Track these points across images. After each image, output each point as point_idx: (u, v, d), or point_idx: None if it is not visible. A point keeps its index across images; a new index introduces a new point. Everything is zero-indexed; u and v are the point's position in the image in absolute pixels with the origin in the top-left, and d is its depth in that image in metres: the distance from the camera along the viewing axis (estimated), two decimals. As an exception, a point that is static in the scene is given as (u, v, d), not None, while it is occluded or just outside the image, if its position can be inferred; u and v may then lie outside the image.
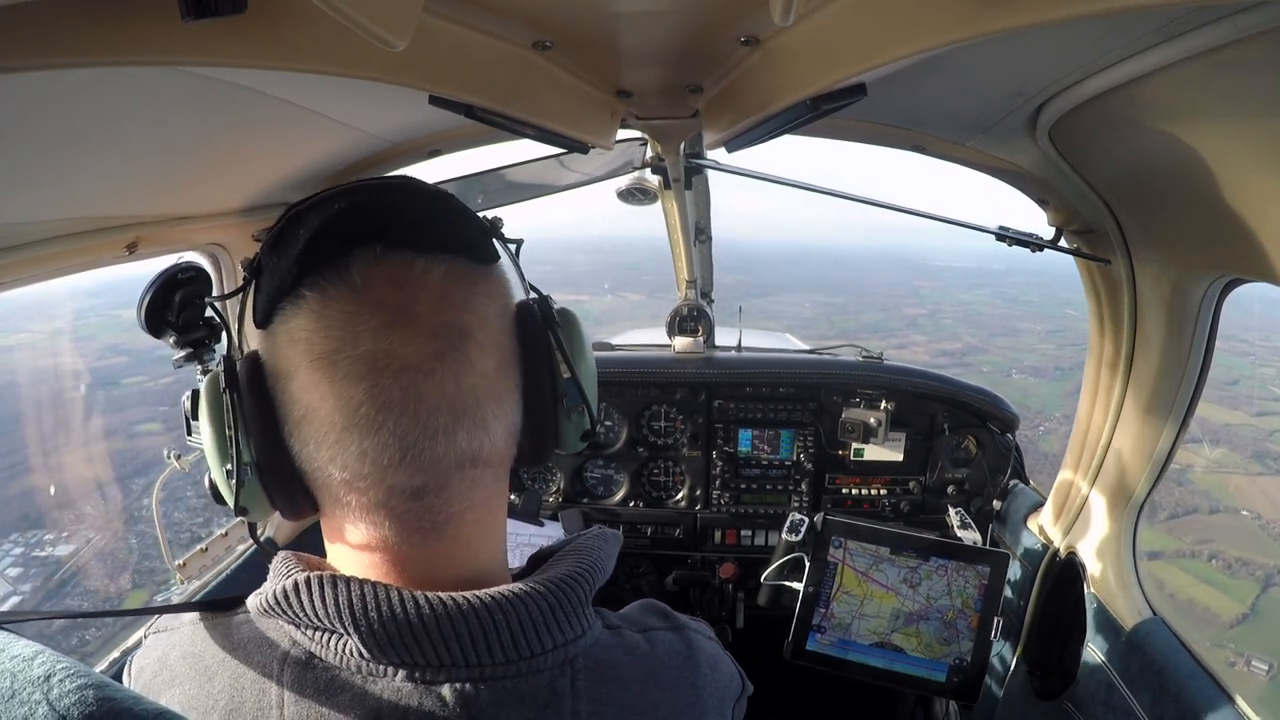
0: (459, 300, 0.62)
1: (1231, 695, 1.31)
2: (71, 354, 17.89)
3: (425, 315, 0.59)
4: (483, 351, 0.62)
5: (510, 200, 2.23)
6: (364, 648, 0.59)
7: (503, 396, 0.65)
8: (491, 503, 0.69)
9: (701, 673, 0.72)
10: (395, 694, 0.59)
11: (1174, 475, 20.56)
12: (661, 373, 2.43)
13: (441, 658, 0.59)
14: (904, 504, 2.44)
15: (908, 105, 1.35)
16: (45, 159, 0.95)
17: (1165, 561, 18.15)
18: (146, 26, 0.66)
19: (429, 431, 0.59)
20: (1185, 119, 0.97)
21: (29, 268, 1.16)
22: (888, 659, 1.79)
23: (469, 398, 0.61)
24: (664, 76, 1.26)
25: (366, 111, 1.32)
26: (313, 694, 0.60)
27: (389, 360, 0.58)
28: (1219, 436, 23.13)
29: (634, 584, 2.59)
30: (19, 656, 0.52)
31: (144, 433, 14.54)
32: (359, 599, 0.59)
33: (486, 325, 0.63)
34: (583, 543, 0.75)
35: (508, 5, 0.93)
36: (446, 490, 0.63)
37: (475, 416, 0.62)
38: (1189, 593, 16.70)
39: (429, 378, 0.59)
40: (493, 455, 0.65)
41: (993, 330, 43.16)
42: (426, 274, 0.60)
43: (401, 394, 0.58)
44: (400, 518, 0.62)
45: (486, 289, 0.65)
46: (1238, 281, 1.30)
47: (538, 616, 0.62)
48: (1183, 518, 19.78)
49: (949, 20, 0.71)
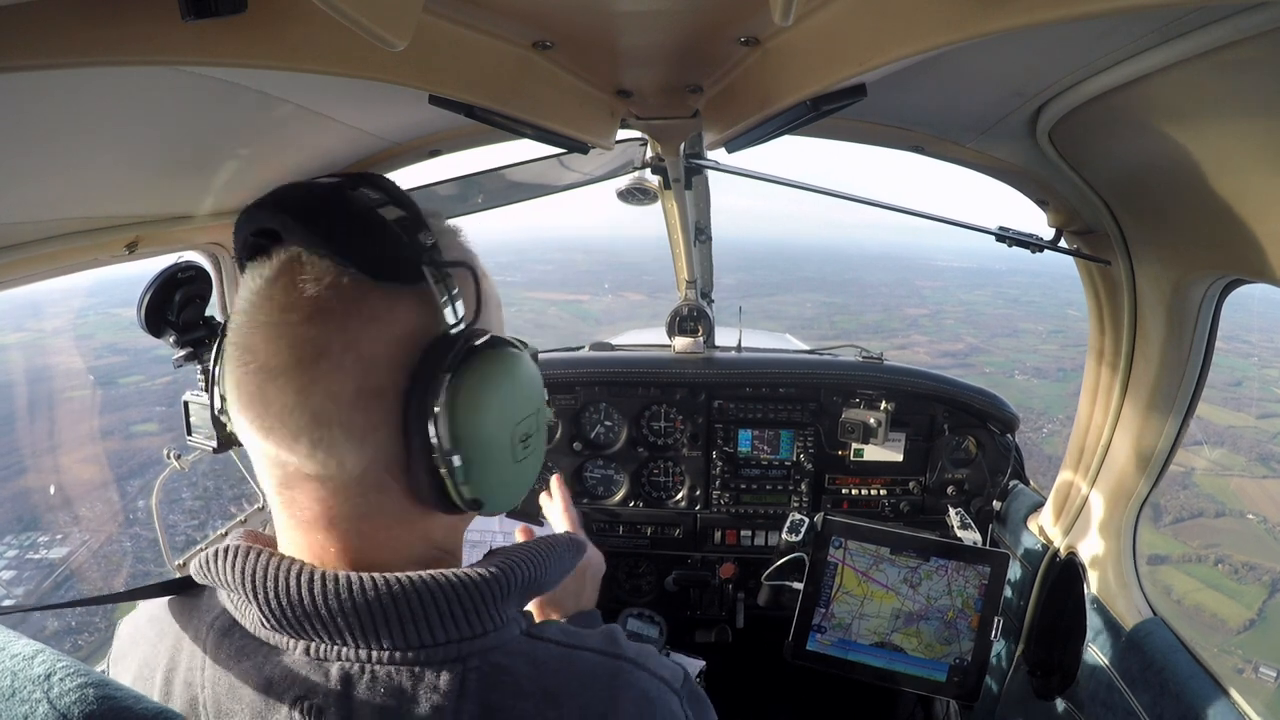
0: (332, 316, 0.59)
1: (1231, 695, 1.31)
2: (69, 353, 17.85)
3: (295, 323, 0.59)
4: (339, 374, 0.59)
5: (510, 200, 2.24)
6: (264, 617, 0.62)
7: (358, 426, 0.60)
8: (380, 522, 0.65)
9: (619, 708, 0.63)
10: (290, 665, 0.61)
11: (1178, 478, 20.17)
12: (661, 373, 2.43)
13: (333, 636, 0.61)
14: (904, 504, 2.44)
15: (907, 105, 1.35)
16: (45, 159, 0.95)
17: (1171, 566, 17.92)
18: (146, 26, 0.66)
19: (274, 434, 0.60)
20: (1185, 120, 0.97)
21: (29, 267, 1.16)
22: (888, 659, 1.79)
23: (305, 415, 0.59)
24: (664, 76, 1.26)
25: (366, 111, 1.32)
26: (226, 657, 0.64)
27: (251, 357, 0.60)
28: (1223, 438, 22.90)
29: (634, 584, 2.59)
30: (19, 655, 0.52)
31: (141, 433, 14.54)
32: (261, 569, 0.62)
33: (354, 348, 0.59)
34: (531, 545, 0.73)
35: (508, 5, 0.93)
36: (304, 491, 0.63)
37: (313, 437, 0.59)
38: (1195, 598, 16.54)
39: (273, 384, 0.59)
40: (345, 479, 0.62)
41: (995, 331, 43.14)
42: (315, 281, 0.59)
43: (254, 393, 0.60)
44: (285, 505, 0.65)
45: (375, 311, 0.60)
46: (1238, 282, 1.30)
47: (431, 607, 0.61)
48: (1188, 521, 19.61)
49: (949, 20, 0.71)
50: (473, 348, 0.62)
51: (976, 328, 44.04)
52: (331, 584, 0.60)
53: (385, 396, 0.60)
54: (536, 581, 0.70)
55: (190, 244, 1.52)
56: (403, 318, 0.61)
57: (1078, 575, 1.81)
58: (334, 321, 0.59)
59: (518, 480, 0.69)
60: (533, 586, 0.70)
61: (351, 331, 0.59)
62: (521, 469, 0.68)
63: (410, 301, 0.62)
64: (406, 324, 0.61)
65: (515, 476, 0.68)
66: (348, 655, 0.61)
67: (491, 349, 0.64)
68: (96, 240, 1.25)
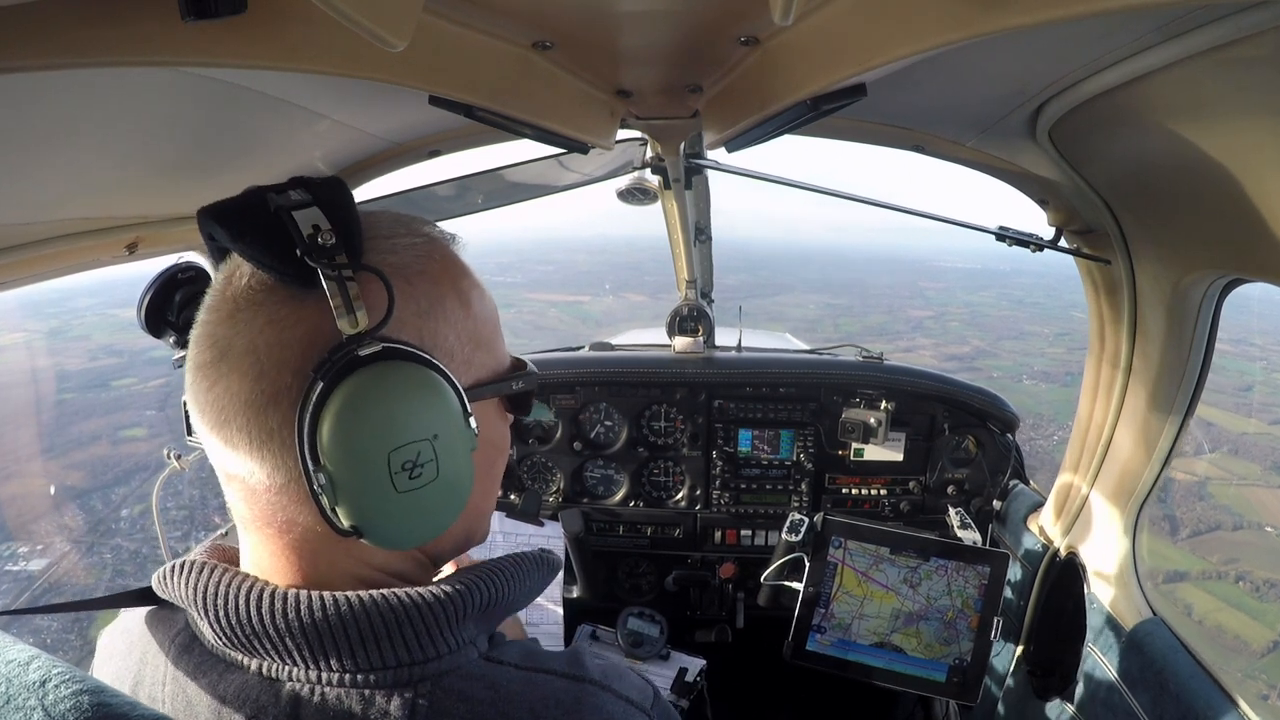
0: (239, 315, 0.60)
1: (1232, 695, 1.30)
2: (63, 354, 17.61)
3: (214, 322, 0.61)
4: (238, 375, 0.59)
5: (510, 200, 2.24)
6: (214, 635, 0.62)
7: (256, 429, 0.59)
8: (308, 535, 0.62)
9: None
10: (243, 685, 0.60)
11: (1193, 489, 19.32)
12: (661, 373, 2.42)
13: (283, 656, 0.60)
14: (904, 504, 2.44)
15: (908, 105, 1.35)
16: (45, 159, 0.95)
17: (1191, 584, 17.22)
18: (146, 26, 0.67)
19: (202, 431, 0.63)
20: (1186, 118, 0.97)
21: (29, 268, 1.16)
22: (888, 659, 1.79)
23: (213, 413, 0.61)
24: (664, 76, 1.26)
25: (366, 111, 1.32)
26: (184, 674, 0.63)
27: (194, 353, 0.62)
28: (1236, 446, 22.18)
29: (634, 584, 2.59)
30: (14, 661, 0.52)
31: (128, 439, 14.28)
32: (213, 586, 0.62)
33: (255, 351, 0.59)
34: (497, 562, 0.70)
35: (508, 5, 0.93)
36: (231, 494, 0.65)
37: (222, 435, 0.61)
38: (1217, 618, 15.83)
39: (199, 379, 0.61)
40: (258, 486, 0.61)
41: (1000, 333, 42.84)
42: (233, 283, 0.62)
43: (191, 387, 0.62)
44: (230, 503, 0.66)
45: (277, 314, 0.59)
46: (1238, 281, 1.30)
47: (381, 629, 0.59)
48: (1205, 535, 18.85)
49: (949, 20, 0.71)
50: (356, 357, 0.57)
51: (982, 330, 43.78)
52: (280, 603, 0.59)
53: (280, 403, 0.58)
54: (499, 602, 0.67)
55: (190, 244, 1.52)
56: (305, 321, 0.59)
57: (1078, 575, 1.81)
58: (241, 322, 0.60)
59: (407, 513, 0.61)
60: (496, 607, 0.67)
61: (252, 332, 0.59)
62: (410, 501, 0.60)
63: (313, 307, 0.59)
64: (307, 328, 0.59)
65: (401, 508, 0.60)
66: (298, 676, 0.59)
67: (382, 361, 0.58)
68: (96, 240, 1.25)
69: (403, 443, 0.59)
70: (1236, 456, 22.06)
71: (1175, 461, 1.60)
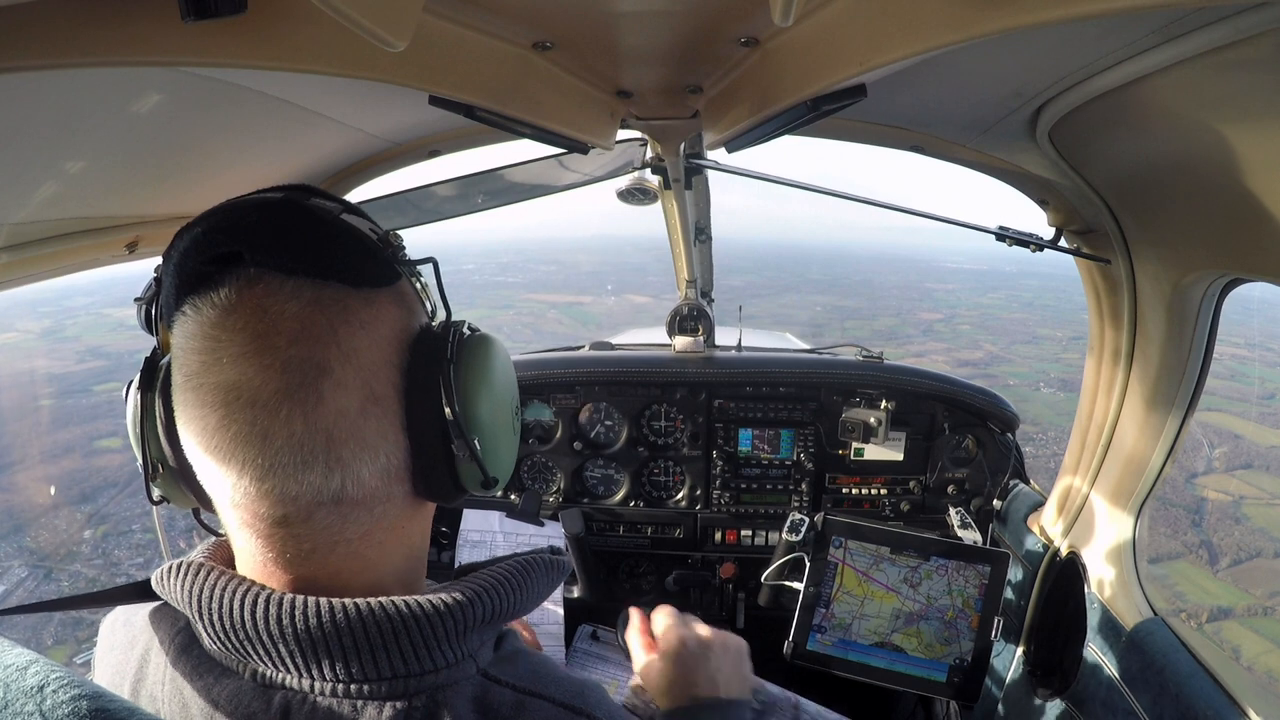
0: (322, 331, 0.57)
1: (1232, 695, 1.30)
2: (50, 358, 16.98)
3: (282, 347, 0.56)
4: (342, 390, 0.57)
5: (510, 200, 2.23)
6: (210, 638, 0.61)
7: (369, 436, 0.59)
8: (376, 536, 0.63)
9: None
10: (236, 690, 0.60)
11: (1228, 510, 18.15)
12: (661, 372, 2.42)
13: (276, 663, 0.59)
14: (904, 504, 2.44)
15: (908, 105, 1.35)
16: (46, 159, 0.95)
17: (1236, 622, 15.84)
18: (146, 26, 0.67)
19: (279, 469, 0.57)
20: (1185, 119, 0.97)
21: (29, 267, 1.16)
22: (888, 659, 1.79)
23: (319, 438, 0.57)
24: (664, 77, 1.26)
25: (366, 111, 1.32)
26: (182, 675, 0.62)
27: (239, 393, 0.56)
28: (1268, 462, 20.93)
29: (634, 584, 2.59)
30: (12, 666, 0.52)
31: (103, 449, 13.64)
32: (209, 589, 0.61)
33: (353, 359, 0.58)
34: (503, 567, 0.69)
35: (508, 5, 0.93)
36: (311, 522, 0.60)
37: (329, 458, 0.57)
38: (1267, 662, 14.42)
39: (274, 416, 0.56)
40: (361, 495, 0.60)
41: (1013, 337, 42.16)
42: (292, 300, 0.56)
43: (249, 429, 0.56)
44: (267, 540, 0.61)
45: (361, 318, 0.59)
46: (1238, 281, 1.30)
47: (377, 639, 0.58)
48: (1246, 563, 17.63)
49: (949, 20, 0.71)
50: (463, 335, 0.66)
51: (993, 334, 43.09)
52: (275, 608, 0.58)
53: (387, 400, 0.60)
54: (506, 610, 0.66)
55: None
56: (386, 319, 0.62)
57: (1078, 575, 1.81)
58: (325, 336, 0.57)
59: (514, 452, 0.73)
60: (502, 615, 0.66)
61: (346, 343, 0.58)
62: (516, 440, 0.74)
63: (387, 302, 0.62)
64: (390, 325, 0.62)
65: (512, 448, 0.72)
66: (291, 684, 0.59)
67: (475, 335, 0.68)
68: (96, 240, 1.25)
69: (515, 391, 0.73)
70: (1269, 473, 20.65)
71: (1207, 479, 1.58)
